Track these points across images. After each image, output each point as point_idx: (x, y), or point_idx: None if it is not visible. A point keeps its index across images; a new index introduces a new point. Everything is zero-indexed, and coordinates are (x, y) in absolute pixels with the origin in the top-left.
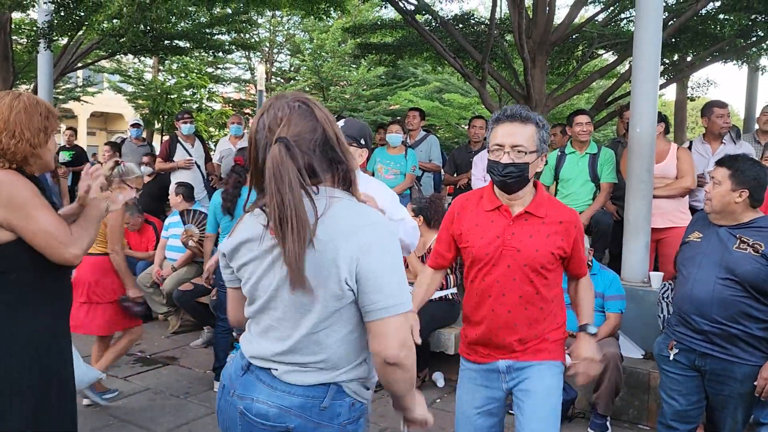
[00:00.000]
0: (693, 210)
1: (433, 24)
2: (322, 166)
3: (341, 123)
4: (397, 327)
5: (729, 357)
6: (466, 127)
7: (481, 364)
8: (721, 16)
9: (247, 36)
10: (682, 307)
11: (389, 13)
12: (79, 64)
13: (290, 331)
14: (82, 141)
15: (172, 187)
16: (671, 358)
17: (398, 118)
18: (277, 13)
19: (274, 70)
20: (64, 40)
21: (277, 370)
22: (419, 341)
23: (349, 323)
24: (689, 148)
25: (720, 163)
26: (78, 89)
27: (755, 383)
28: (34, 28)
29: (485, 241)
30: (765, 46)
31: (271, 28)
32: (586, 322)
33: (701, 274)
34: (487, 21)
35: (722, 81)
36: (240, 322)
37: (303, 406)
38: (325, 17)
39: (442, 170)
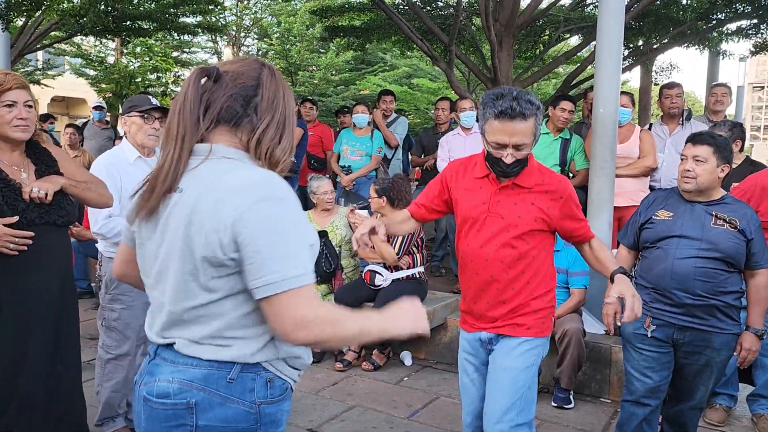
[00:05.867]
0: (652, 190)
1: (401, 6)
2: (228, 110)
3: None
4: (285, 306)
5: (707, 327)
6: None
7: (469, 333)
8: (684, 1)
9: (213, 19)
10: (661, 283)
11: None
12: (38, 46)
13: (176, 301)
14: None
15: None
16: (649, 335)
17: (367, 101)
18: None
19: (241, 54)
20: (22, 20)
21: (176, 343)
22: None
23: (243, 295)
24: (648, 129)
25: (700, 140)
26: (38, 72)
27: (734, 353)
28: None
29: (472, 205)
30: (725, 31)
31: (238, 11)
32: (617, 267)
33: (681, 251)
34: (454, 3)
35: (685, 66)
36: (123, 275)
37: (207, 378)
38: None
39: (408, 152)
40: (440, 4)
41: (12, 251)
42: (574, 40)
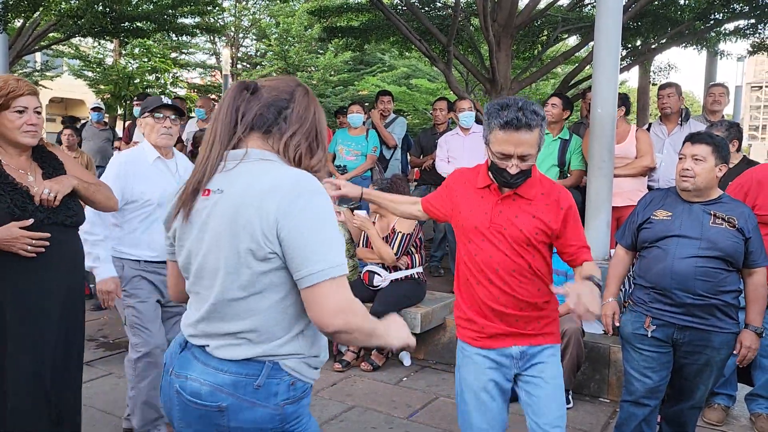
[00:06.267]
0: (651, 189)
1: (399, 7)
2: (261, 117)
3: (167, 100)
4: (328, 293)
5: (707, 327)
6: (432, 111)
7: (490, 350)
8: (681, 1)
9: (212, 20)
10: (661, 282)
11: None
12: (36, 47)
13: (213, 294)
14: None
15: None
16: (649, 335)
17: (365, 102)
18: None
19: (239, 55)
20: (20, 22)
21: (209, 345)
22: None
23: (281, 289)
24: (648, 129)
25: (698, 139)
26: (36, 74)
27: (734, 351)
28: None
29: (474, 215)
30: (723, 31)
31: (236, 12)
32: (593, 275)
33: (681, 251)
34: (452, 4)
35: (683, 66)
36: (178, 298)
37: (235, 384)
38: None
39: (406, 153)
40: (438, 4)
41: (30, 253)
42: (572, 41)
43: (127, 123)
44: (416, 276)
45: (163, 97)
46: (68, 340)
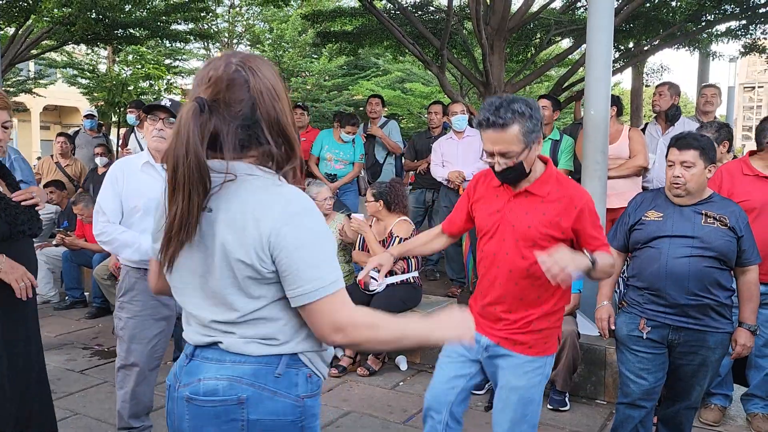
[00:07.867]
0: (645, 190)
1: (392, 11)
2: (238, 141)
3: (167, 102)
4: (323, 311)
5: (702, 327)
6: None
7: None
8: (673, 3)
9: (205, 26)
10: (655, 283)
11: (349, 1)
12: (29, 55)
13: (219, 312)
14: (36, 135)
15: None
16: (644, 336)
17: (354, 114)
18: (236, 2)
19: None
20: (12, 29)
21: (222, 342)
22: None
23: (282, 291)
24: (644, 129)
25: (685, 145)
26: (29, 81)
27: (730, 350)
28: None
29: (487, 213)
30: (715, 32)
31: (230, 18)
32: (592, 252)
33: (674, 250)
34: (445, 8)
35: (676, 67)
36: (161, 290)
37: (255, 373)
38: (284, 5)
39: (401, 156)
40: (431, 8)
41: (20, 292)
42: (566, 43)
43: (122, 130)
44: (412, 280)
45: (164, 97)
46: (38, 346)
